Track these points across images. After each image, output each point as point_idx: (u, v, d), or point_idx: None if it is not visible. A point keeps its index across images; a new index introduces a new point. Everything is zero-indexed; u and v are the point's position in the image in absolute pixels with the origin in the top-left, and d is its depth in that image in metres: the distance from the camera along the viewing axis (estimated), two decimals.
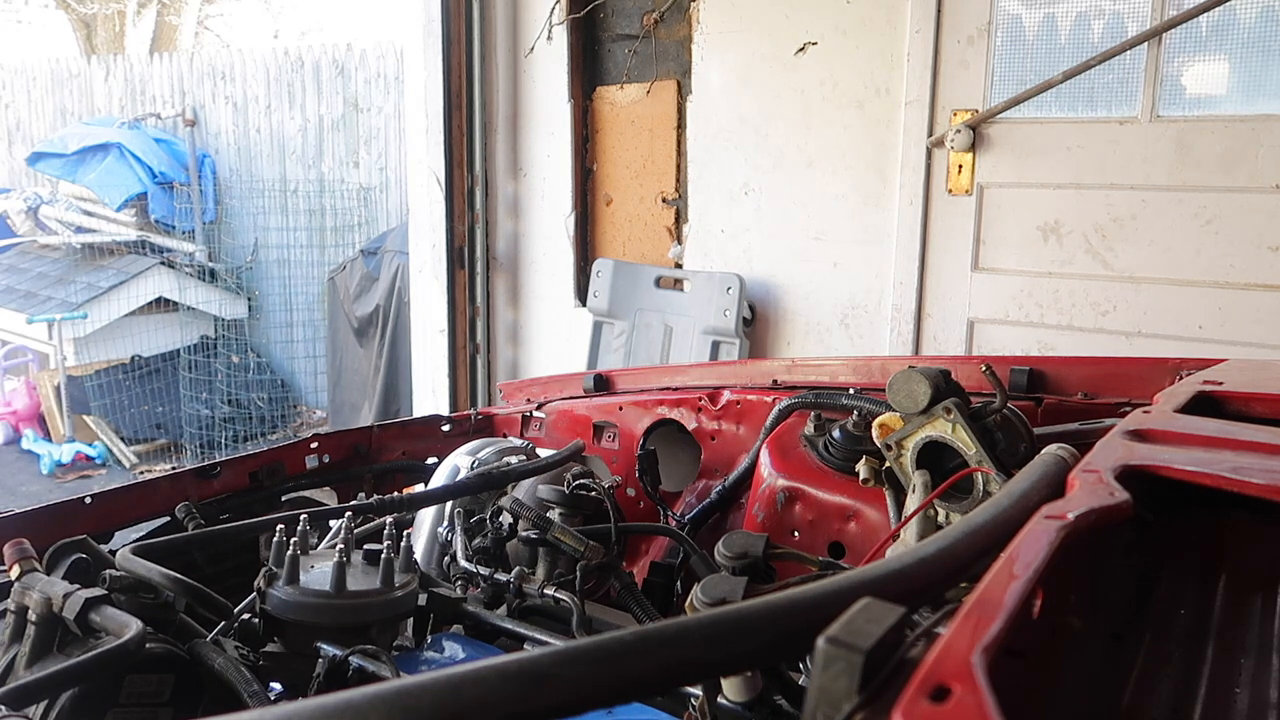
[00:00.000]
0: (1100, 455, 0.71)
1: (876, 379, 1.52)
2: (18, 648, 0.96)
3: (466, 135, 3.83)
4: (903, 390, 1.08)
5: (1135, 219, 2.73)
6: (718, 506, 1.56)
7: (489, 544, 1.29)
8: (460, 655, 1.09)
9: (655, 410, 1.70)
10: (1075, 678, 0.59)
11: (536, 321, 3.94)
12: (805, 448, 1.38)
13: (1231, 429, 0.80)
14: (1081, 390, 1.34)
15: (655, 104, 3.53)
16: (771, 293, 3.37)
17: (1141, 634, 0.65)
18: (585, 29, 3.65)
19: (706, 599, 0.87)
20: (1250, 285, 2.60)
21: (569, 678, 0.45)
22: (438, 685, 0.45)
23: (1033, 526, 0.55)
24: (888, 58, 3.03)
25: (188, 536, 1.26)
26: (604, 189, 3.74)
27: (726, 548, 0.97)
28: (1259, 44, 2.54)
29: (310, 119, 6.49)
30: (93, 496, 1.37)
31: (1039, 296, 2.89)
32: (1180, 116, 2.65)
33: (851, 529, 1.28)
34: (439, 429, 1.82)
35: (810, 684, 0.43)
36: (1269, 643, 0.62)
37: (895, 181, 3.06)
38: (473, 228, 3.91)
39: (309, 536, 1.11)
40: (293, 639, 1.04)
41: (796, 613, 0.48)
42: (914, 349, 3.08)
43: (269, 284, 6.55)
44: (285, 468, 1.60)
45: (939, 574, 0.54)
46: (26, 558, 1.04)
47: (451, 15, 3.74)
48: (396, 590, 1.06)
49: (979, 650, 0.41)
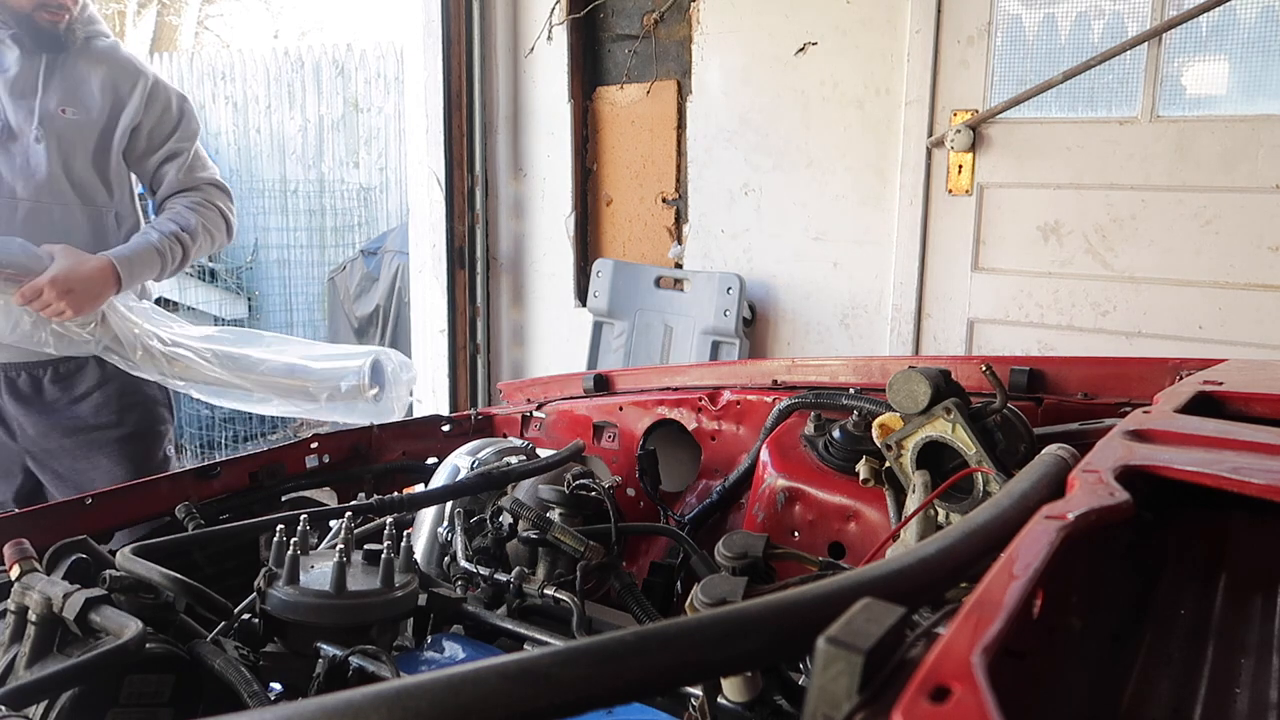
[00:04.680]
0: (1100, 455, 0.71)
1: (876, 379, 1.52)
2: (18, 648, 0.96)
3: (466, 135, 3.83)
4: (903, 390, 1.08)
5: (1135, 219, 2.73)
6: (718, 506, 1.56)
7: (489, 544, 1.29)
8: (460, 655, 1.09)
9: (655, 410, 1.70)
10: (1075, 678, 0.59)
11: (536, 321, 3.94)
12: (805, 448, 1.38)
13: (1231, 429, 0.80)
14: (1081, 390, 1.34)
15: (655, 104, 3.53)
16: (771, 293, 3.37)
17: (1141, 634, 0.65)
18: (585, 29, 3.65)
19: (706, 599, 0.87)
20: (1250, 285, 2.60)
21: (569, 678, 0.45)
22: (438, 685, 0.45)
23: (1033, 526, 0.55)
24: (888, 58, 3.03)
25: (188, 536, 1.26)
26: (604, 189, 3.74)
27: (726, 548, 0.97)
28: (1259, 44, 2.54)
29: (310, 119, 6.49)
30: (93, 496, 1.37)
31: (1039, 296, 2.90)
32: (1180, 116, 2.65)
33: (851, 529, 1.28)
34: (439, 429, 1.82)
35: (810, 684, 0.43)
36: (1269, 643, 0.62)
37: (895, 181, 3.06)
38: (473, 228, 3.91)
39: (309, 536, 1.11)
40: (293, 639, 1.04)
41: (796, 613, 0.48)
42: (914, 349, 3.08)
43: (269, 284, 6.55)
44: (285, 468, 1.60)
45: (939, 574, 0.54)
46: (26, 558, 1.04)
47: (451, 15, 3.74)
48: (396, 590, 1.06)
49: (979, 650, 0.41)
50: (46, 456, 2.02)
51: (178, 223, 2.05)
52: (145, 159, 2.08)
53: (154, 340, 1.99)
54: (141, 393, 2.11)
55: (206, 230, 2.10)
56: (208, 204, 2.13)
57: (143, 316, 2.00)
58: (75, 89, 1.95)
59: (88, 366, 2.02)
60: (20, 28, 1.87)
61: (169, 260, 2.02)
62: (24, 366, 1.97)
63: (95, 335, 1.91)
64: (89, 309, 1.87)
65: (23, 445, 2.01)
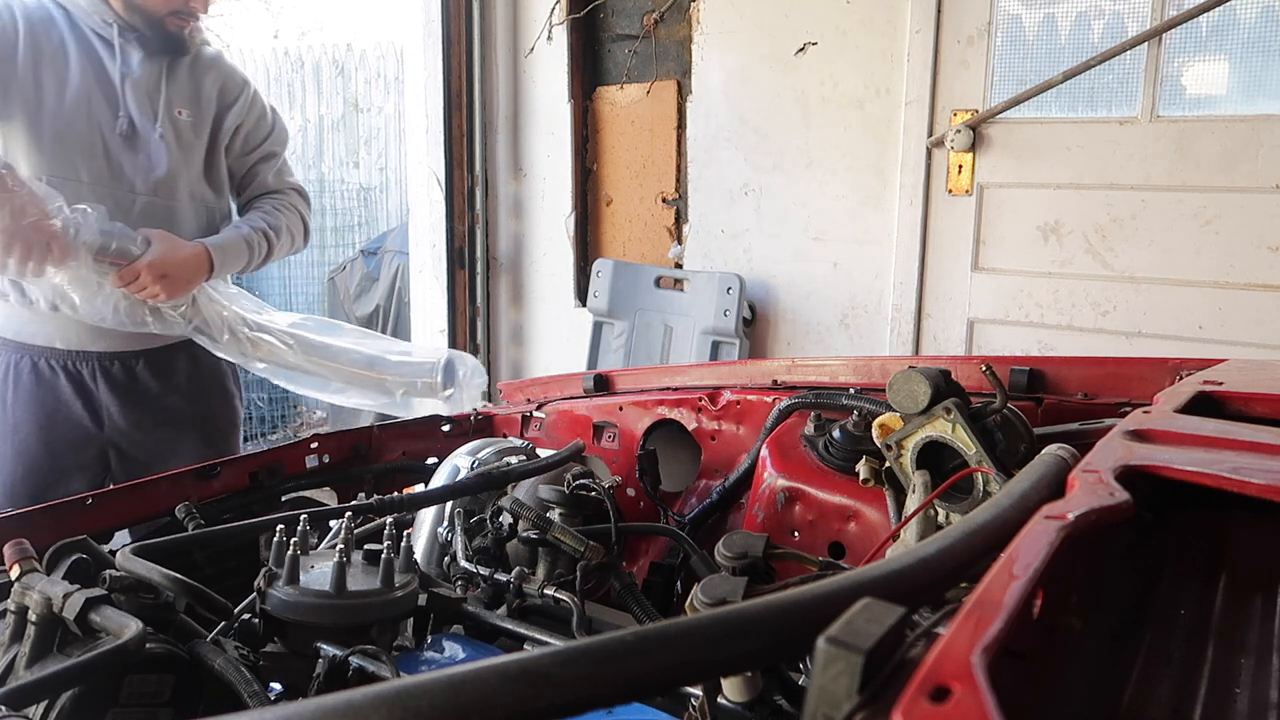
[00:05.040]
0: (1100, 455, 0.71)
1: (876, 379, 1.52)
2: (18, 648, 0.96)
3: (466, 135, 3.84)
4: (903, 390, 1.08)
5: (1135, 219, 2.73)
6: (718, 506, 1.56)
7: (489, 544, 1.29)
8: (460, 655, 1.09)
9: (655, 410, 1.70)
10: (1075, 678, 0.59)
11: (536, 321, 3.94)
12: (805, 448, 1.38)
13: (1231, 429, 0.80)
14: (1081, 390, 1.34)
15: (655, 104, 3.53)
16: (771, 293, 3.37)
17: (1141, 634, 0.65)
18: (585, 29, 3.65)
19: (706, 599, 0.87)
20: (1250, 285, 2.60)
21: (569, 678, 0.45)
22: (438, 685, 0.45)
23: (1033, 526, 0.55)
24: (888, 58, 3.03)
25: (188, 536, 1.26)
26: (604, 189, 3.74)
27: (726, 548, 0.97)
28: (1259, 44, 2.54)
29: (310, 119, 6.48)
30: (93, 496, 1.37)
31: (1039, 296, 2.90)
32: (1180, 116, 2.65)
33: (851, 529, 1.28)
34: (439, 429, 1.82)
35: (810, 684, 0.43)
36: (1269, 643, 0.62)
37: (895, 181, 3.06)
38: (473, 228, 3.91)
39: (309, 536, 1.11)
40: (293, 639, 1.04)
41: (796, 613, 0.48)
42: (914, 349, 3.08)
43: (269, 284, 6.54)
44: (285, 468, 1.59)
45: (939, 574, 0.54)
46: (26, 558, 1.04)
47: (451, 15, 3.74)
48: (396, 590, 1.06)
49: (979, 650, 0.41)
50: (132, 447, 2.04)
51: (266, 221, 2.13)
52: (242, 159, 2.17)
53: (241, 324, 2.06)
54: (225, 387, 2.19)
55: (289, 231, 2.18)
56: (291, 208, 2.21)
57: (231, 301, 2.08)
58: (190, 92, 2.04)
59: (179, 358, 2.09)
60: (151, 31, 1.94)
61: (256, 254, 2.09)
62: (118, 356, 2.01)
63: (186, 316, 1.98)
64: (181, 293, 1.93)
65: (109, 435, 2.03)
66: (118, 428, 2.02)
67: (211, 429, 2.15)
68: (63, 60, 1.87)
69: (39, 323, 1.94)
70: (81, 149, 1.88)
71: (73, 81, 1.88)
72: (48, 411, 1.97)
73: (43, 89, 1.85)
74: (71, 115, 1.87)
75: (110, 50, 1.92)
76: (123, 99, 1.92)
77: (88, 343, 1.97)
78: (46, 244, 1.71)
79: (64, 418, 1.98)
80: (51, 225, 1.72)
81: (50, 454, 1.97)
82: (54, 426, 1.97)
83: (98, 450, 2.03)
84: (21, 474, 1.96)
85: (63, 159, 1.86)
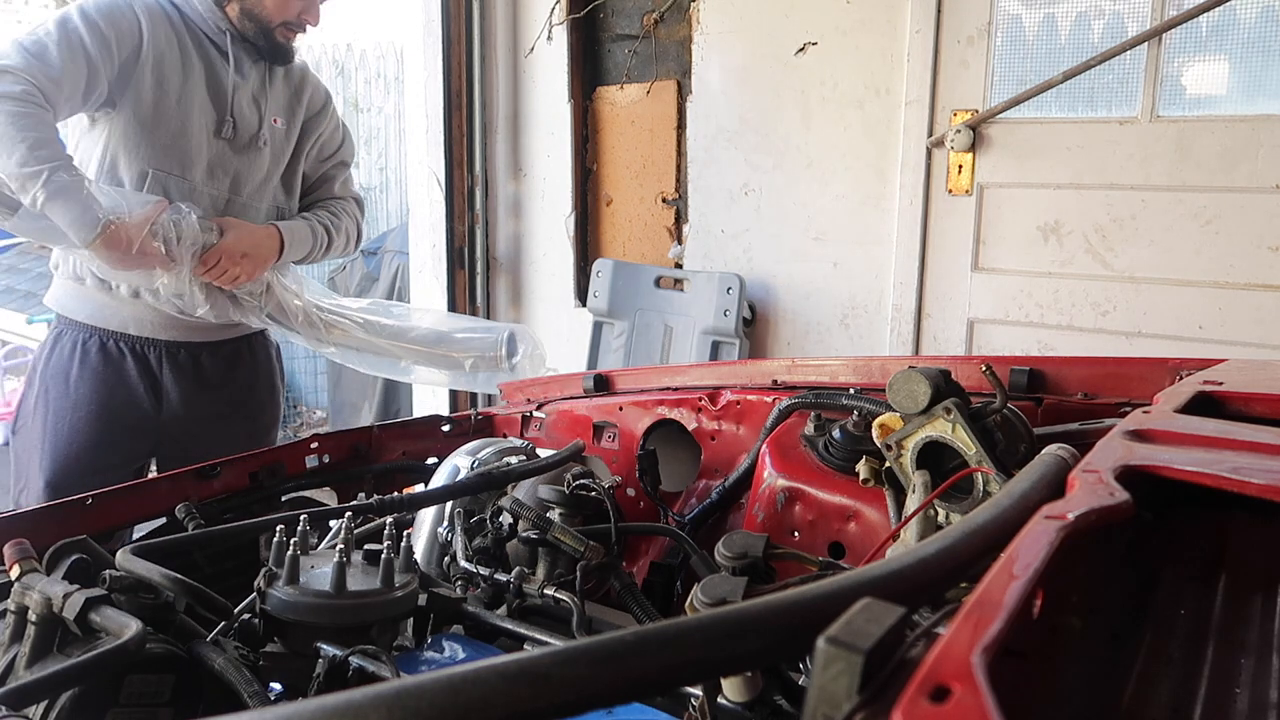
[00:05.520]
0: (1100, 455, 0.71)
1: (876, 379, 1.52)
2: (18, 648, 0.96)
3: (466, 135, 3.83)
4: (903, 390, 1.08)
5: (1135, 219, 2.73)
6: (718, 506, 1.56)
7: (489, 544, 1.29)
8: (460, 655, 1.09)
9: (655, 410, 1.70)
10: (1075, 678, 0.59)
11: (537, 321, 3.94)
12: (805, 448, 1.37)
13: (1231, 429, 0.80)
14: (1081, 390, 1.34)
15: (655, 104, 3.53)
16: (771, 293, 3.37)
17: (1141, 634, 0.65)
18: (585, 29, 3.65)
19: (706, 599, 0.87)
20: (1250, 285, 2.60)
21: (569, 678, 0.45)
22: (438, 685, 0.45)
23: (1033, 526, 0.55)
24: (888, 58, 3.03)
25: (188, 536, 1.26)
26: (604, 189, 3.74)
27: (726, 548, 0.97)
28: (1259, 44, 2.54)
29: None
30: (93, 496, 1.37)
31: (1039, 296, 2.90)
32: (1180, 116, 2.65)
33: (851, 529, 1.28)
34: (439, 429, 1.82)
35: (810, 684, 0.43)
36: (1269, 643, 0.62)
37: (895, 181, 3.06)
38: (473, 228, 3.91)
39: (309, 536, 1.11)
40: (293, 639, 1.04)
41: (796, 613, 0.48)
42: (914, 349, 3.08)
43: None
44: (285, 468, 1.59)
45: (939, 574, 0.54)
46: (26, 558, 1.04)
47: (451, 15, 3.74)
48: (396, 590, 1.06)
49: (979, 650, 0.41)
50: (184, 435, 2.08)
51: (329, 217, 2.23)
52: (316, 166, 2.26)
53: (314, 309, 2.16)
54: (275, 384, 2.28)
55: (346, 233, 2.28)
56: (350, 214, 2.31)
57: (303, 288, 2.16)
58: (285, 101, 2.13)
59: (241, 351, 2.17)
60: (262, 40, 2.02)
61: (318, 244, 2.18)
62: (185, 345, 2.07)
63: (262, 302, 2.07)
64: (260, 271, 2.03)
65: (164, 419, 2.06)
66: (175, 413, 2.06)
67: (259, 424, 2.23)
68: (179, 62, 1.94)
69: (114, 307, 2.00)
70: (188, 149, 1.96)
71: (188, 83, 1.95)
72: (110, 388, 2.01)
73: (159, 87, 1.91)
74: (183, 115, 1.94)
75: (224, 57, 2.00)
76: (231, 104, 2.00)
77: (159, 331, 2.03)
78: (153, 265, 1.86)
79: (124, 399, 2.02)
80: (156, 248, 1.84)
81: (107, 432, 2.01)
82: (114, 406, 2.01)
83: (150, 438, 2.07)
84: (75, 453, 1.99)
85: (169, 156, 1.94)
